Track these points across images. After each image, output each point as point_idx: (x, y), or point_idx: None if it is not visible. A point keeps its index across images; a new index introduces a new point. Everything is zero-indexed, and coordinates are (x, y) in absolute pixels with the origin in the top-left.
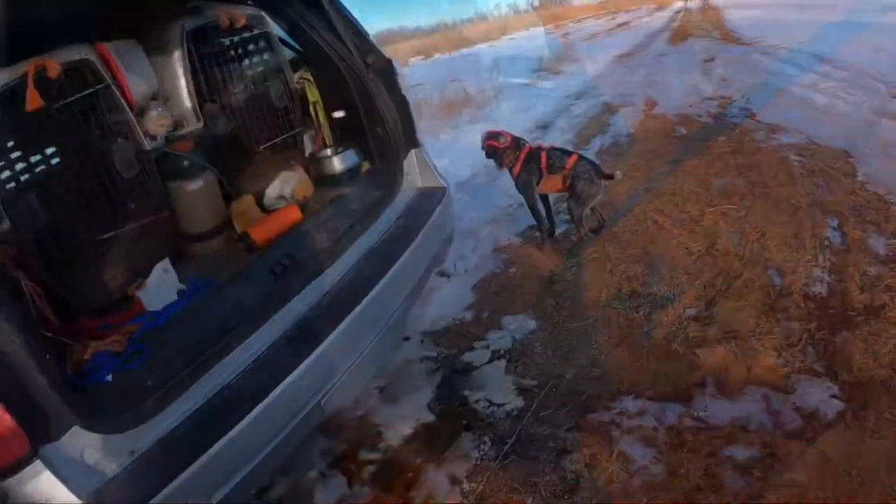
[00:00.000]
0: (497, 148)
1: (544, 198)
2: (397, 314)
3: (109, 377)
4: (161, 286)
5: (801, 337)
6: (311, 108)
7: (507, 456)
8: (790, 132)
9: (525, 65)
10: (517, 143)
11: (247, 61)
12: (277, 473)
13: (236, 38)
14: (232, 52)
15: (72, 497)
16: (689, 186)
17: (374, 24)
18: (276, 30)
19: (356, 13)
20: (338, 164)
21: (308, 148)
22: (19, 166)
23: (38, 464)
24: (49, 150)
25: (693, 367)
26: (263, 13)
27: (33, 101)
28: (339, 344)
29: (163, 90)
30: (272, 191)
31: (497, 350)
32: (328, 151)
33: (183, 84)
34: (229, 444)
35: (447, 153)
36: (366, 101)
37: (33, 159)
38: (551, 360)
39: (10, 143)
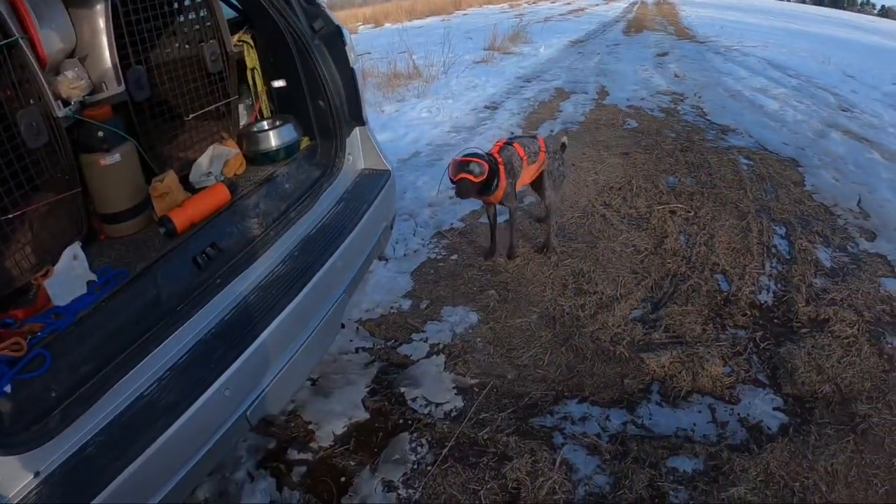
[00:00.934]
0: (476, 183)
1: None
2: (335, 308)
3: (8, 387)
4: (70, 275)
5: (747, 346)
6: (248, 74)
7: (445, 461)
8: (740, 134)
9: (477, 42)
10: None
11: (180, 18)
12: None
13: None
14: (163, 8)
15: None
16: (639, 182)
17: None
18: None
19: None
20: (274, 139)
21: (243, 119)
22: None
23: None
24: None
25: (638, 372)
26: None
27: None
28: (271, 344)
29: (81, 48)
30: (200, 166)
31: (436, 344)
32: (264, 125)
33: (104, 41)
34: (145, 464)
35: (390, 127)
36: (309, 71)
37: None
38: (492, 358)
39: None
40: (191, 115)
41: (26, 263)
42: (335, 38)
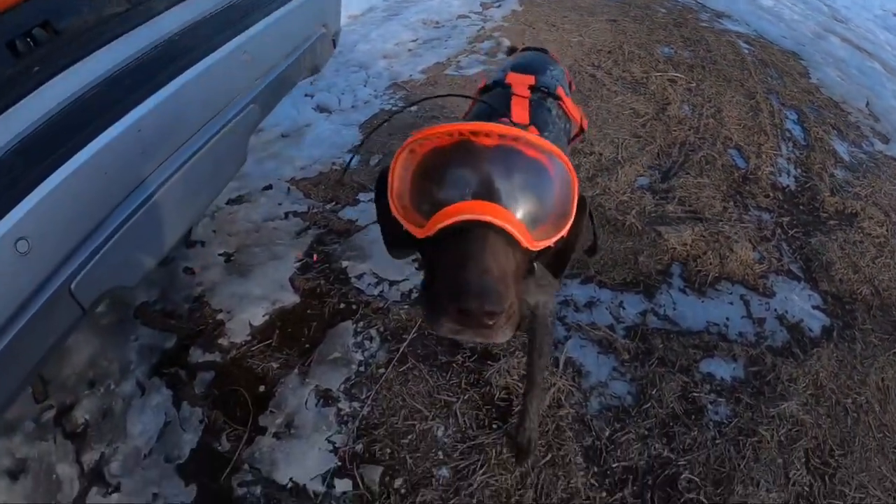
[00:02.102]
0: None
1: None
2: (238, 123)
3: None
4: None
5: (775, 231)
6: None
7: (404, 360)
8: (737, 21)
9: None
10: None
11: None
12: (82, 386)
13: None
14: None
15: None
16: (631, 48)
17: None
18: None
19: None
20: None
21: None
22: None
23: None
24: None
25: (655, 250)
26: None
27: None
28: (108, 169)
29: None
30: None
31: None
32: None
33: None
34: None
35: None
36: None
37: None
38: None
39: None
40: None
41: None
42: None
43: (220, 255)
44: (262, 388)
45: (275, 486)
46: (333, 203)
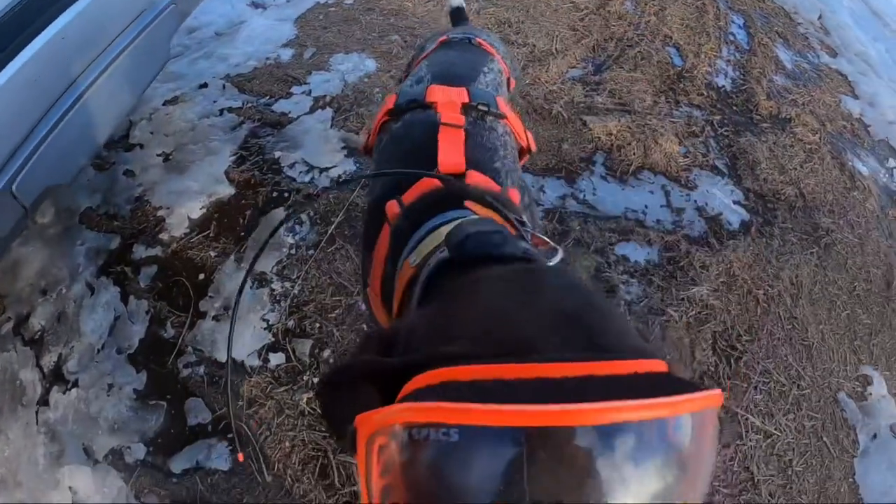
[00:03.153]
0: None
1: None
2: (158, 25)
3: None
4: None
5: (704, 128)
6: None
7: (332, 241)
8: None
9: None
10: None
11: None
12: (36, 295)
13: None
14: None
15: None
16: None
17: None
18: None
19: None
20: None
21: None
22: None
23: None
24: None
25: (579, 138)
26: None
27: None
28: (42, 75)
29: None
30: None
31: (322, 97)
32: None
33: None
34: None
35: None
36: None
37: None
38: None
39: None
40: None
41: None
42: None
43: (158, 155)
44: (201, 277)
45: (216, 365)
46: (268, 97)
